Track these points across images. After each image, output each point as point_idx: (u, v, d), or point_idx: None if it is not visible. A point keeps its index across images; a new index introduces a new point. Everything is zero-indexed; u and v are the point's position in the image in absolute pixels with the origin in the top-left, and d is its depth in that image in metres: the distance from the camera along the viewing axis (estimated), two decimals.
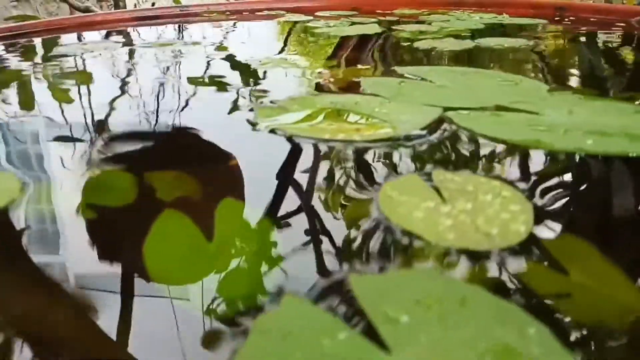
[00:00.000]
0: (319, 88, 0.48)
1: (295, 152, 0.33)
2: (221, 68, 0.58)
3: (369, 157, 0.32)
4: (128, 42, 0.78)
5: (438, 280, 0.20)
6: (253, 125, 0.37)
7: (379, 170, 0.30)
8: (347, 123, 0.36)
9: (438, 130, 0.35)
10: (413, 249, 0.22)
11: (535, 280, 0.21)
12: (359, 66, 0.57)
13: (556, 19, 0.92)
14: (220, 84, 0.50)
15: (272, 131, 0.35)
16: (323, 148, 0.33)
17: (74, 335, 0.20)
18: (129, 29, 0.86)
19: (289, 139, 0.34)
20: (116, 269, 0.23)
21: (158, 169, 0.32)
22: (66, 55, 0.67)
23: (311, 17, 0.94)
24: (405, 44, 0.69)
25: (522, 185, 0.28)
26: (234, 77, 0.53)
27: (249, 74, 0.54)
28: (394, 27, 0.83)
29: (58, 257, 0.25)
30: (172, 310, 0.20)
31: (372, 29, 0.82)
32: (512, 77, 0.48)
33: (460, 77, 0.48)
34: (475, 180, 0.28)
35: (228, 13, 0.97)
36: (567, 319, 0.19)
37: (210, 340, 0.18)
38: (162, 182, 0.31)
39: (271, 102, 0.42)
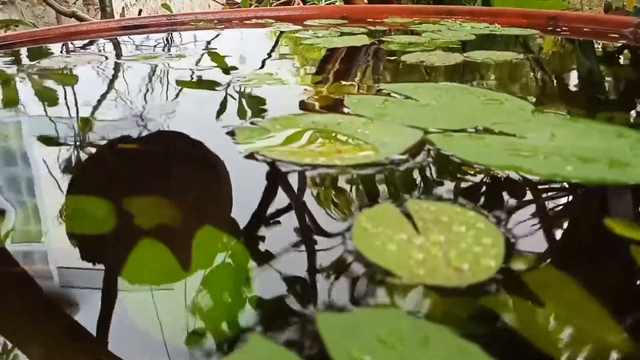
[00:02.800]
0: (303, 107, 0.48)
1: (273, 178, 0.32)
2: (205, 84, 0.58)
3: (347, 184, 0.32)
4: (111, 55, 0.77)
5: (403, 318, 0.20)
6: (234, 147, 0.37)
7: (356, 198, 0.30)
8: (328, 145, 0.36)
9: (419, 154, 0.35)
10: (384, 285, 0.22)
11: (502, 317, 0.21)
12: (345, 83, 0.57)
13: (549, 29, 0.92)
14: (201, 103, 0.50)
15: (251, 154, 0.35)
16: (302, 174, 0.32)
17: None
18: (116, 39, 0.85)
19: (269, 163, 0.34)
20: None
21: (136, 195, 0.32)
22: (47, 69, 0.66)
23: (300, 27, 0.94)
24: (394, 57, 0.69)
25: (498, 215, 0.27)
26: (217, 95, 0.52)
27: (232, 91, 0.54)
28: (383, 39, 0.82)
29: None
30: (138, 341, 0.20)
31: (361, 40, 0.81)
32: (497, 96, 0.48)
33: (445, 94, 0.48)
34: (451, 210, 0.27)
35: (216, 22, 0.96)
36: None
37: None
38: (141, 209, 0.30)
39: (252, 123, 0.41)
